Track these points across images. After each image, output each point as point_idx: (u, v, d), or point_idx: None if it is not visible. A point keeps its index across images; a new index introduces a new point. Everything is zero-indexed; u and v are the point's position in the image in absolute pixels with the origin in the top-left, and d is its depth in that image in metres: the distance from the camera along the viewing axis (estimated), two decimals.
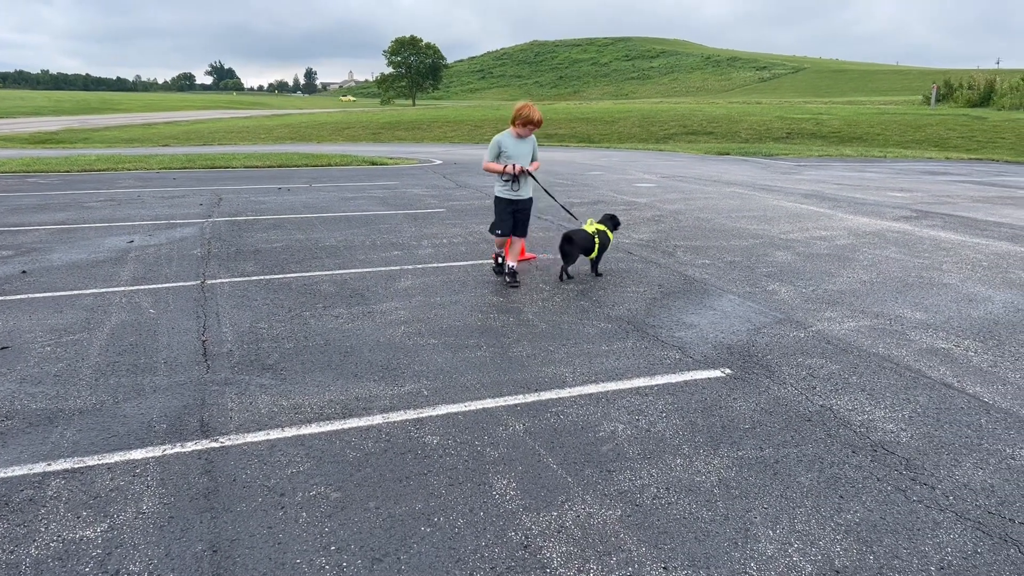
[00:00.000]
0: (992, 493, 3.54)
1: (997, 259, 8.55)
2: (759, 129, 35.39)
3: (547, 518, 3.30)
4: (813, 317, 6.25)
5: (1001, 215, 11.90)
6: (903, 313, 6.36)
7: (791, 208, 12.38)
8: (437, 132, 39.82)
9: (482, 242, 9.28)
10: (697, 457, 3.87)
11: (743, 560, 3.03)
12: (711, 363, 5.21)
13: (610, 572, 2.93)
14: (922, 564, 3.00)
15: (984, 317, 6.29)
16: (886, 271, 7.85)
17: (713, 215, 11.58)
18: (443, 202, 12.86)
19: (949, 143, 30.51)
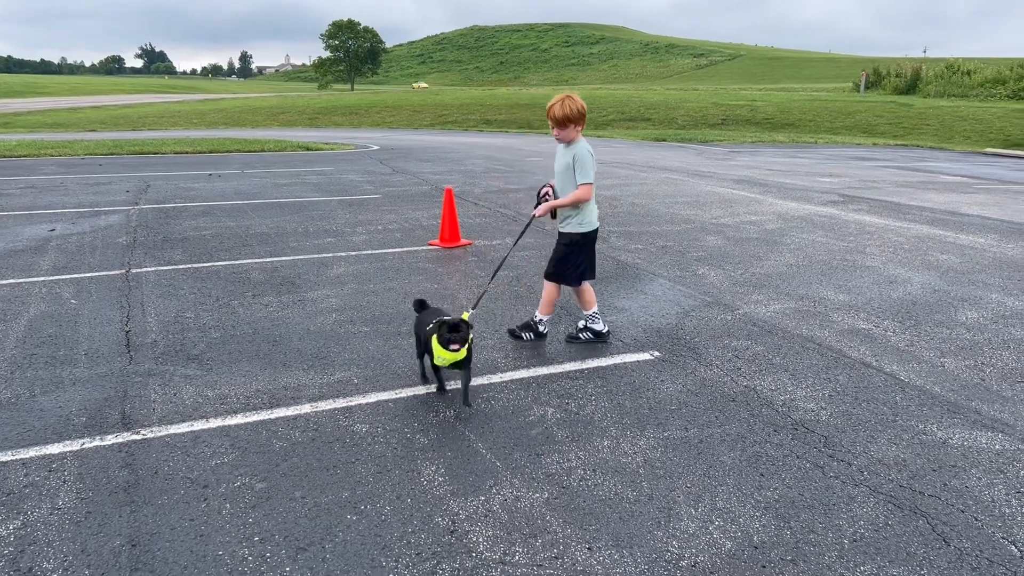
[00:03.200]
0: (904, 467, 3.68)
1: (917, 242, 8.86)
2: (695, 115, 35.91)
3: (474, 503, 3.32)
4: (740, 300, 6.39)
5: (923, 199, 12.33)
6: (827, 295, 6.55)
7: (723, 193, 12.61)
8: (376, 117, 39.35)
9: (417, 228, 9.23)
10: (624, 439, 3.93)
11: (665, 539, 3.09)
12: (640, 346, 5.28)
13: (536, 554, 2.96)
14: (836, 538, 3.10)
15: (903, 298, 6.52)
16: (812, 254, 8.07)
17: (648, 201, 11.73)
18: (379, 188, 12.73)
19: (877, 129, 31.42)
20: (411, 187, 12.95)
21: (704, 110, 37.15)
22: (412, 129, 33.97)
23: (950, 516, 3.27)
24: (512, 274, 7.10)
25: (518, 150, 20.72)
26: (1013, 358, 5.15)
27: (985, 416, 4.27)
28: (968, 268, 7.61)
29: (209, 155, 18.92)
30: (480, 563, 2.90)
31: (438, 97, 48.71)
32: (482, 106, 41.49)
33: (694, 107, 38.12)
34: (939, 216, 10.68)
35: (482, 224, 9.54)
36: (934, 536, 3.13)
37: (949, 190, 13.77)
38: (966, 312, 6.16)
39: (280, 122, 37.86)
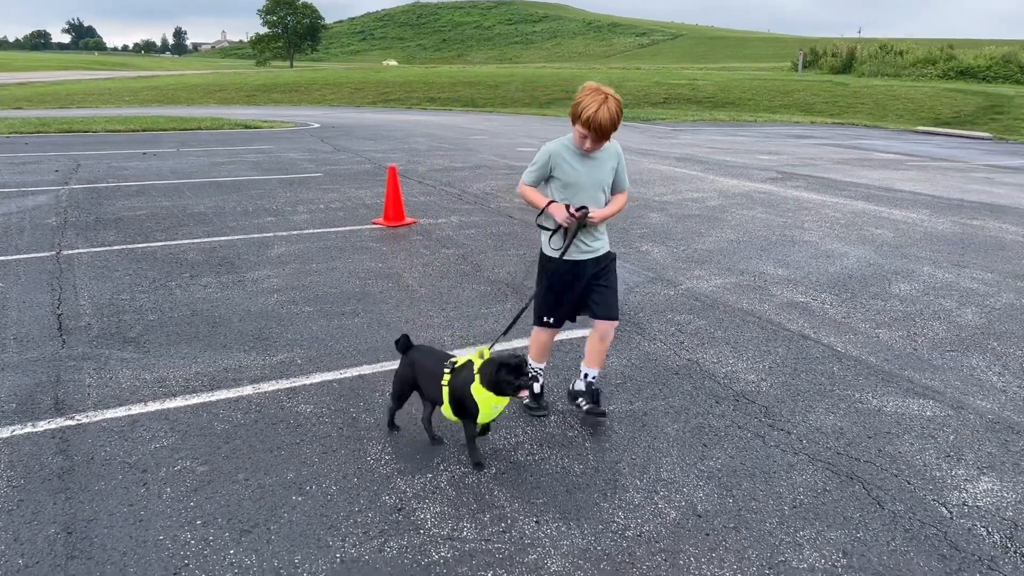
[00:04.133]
0: (841, 435, 3.79)
1: (853, 217, 9.08)
2: (638, 94, 36.12)
3: (422, 480, 3.31)
4: (683, 276, 6.48)
5: (858, 176, 12.63)
6: (766, 270, 6.68)
7: (666, 171, 12.73)
8: (316, 95, 38.62)
9: (360, 207, 9.10)
10: (570, 413, 3.96)
11: (611, 510, 3.13)
12: (586, 323, 5.29)
13: (483, 529, 2.97)
14: (777, 505, 3.18)
15: (839, 272, 6.68)
16: (752, 230, 8.21)
17: None
18: (320, 167, 12.52)
19: (814, 108, 32.07)
20: (353, 165, 12.76)
21: (647, 89, 37.40)
22: (354, 107, 33.44)
23: (884, 481, 3.38)
24: (458, 252, 7.07)
25: (462, 128, 20.59)
26: (943, 328, 5.33)
27: (917, 384, 4.41)
28: (901, 242, 7.84)
29: (143, 134, 18.34)
30: (428, 539, 2.90)
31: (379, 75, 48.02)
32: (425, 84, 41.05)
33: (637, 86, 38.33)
34: (874, 192, 10.96)
35: (427, 203, 9.46)
36: (869, 500, 3.23)
37: (883, 167, 14.14)
38: (899, 284, 6.34)
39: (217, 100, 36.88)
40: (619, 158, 3.74)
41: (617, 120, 3.40)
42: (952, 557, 2.87)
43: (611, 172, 3.68)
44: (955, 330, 5.29)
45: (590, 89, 3.43)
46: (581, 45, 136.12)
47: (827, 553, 2.87)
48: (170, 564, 2.71)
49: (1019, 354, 4.88)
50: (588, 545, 2.90)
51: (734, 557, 2.84)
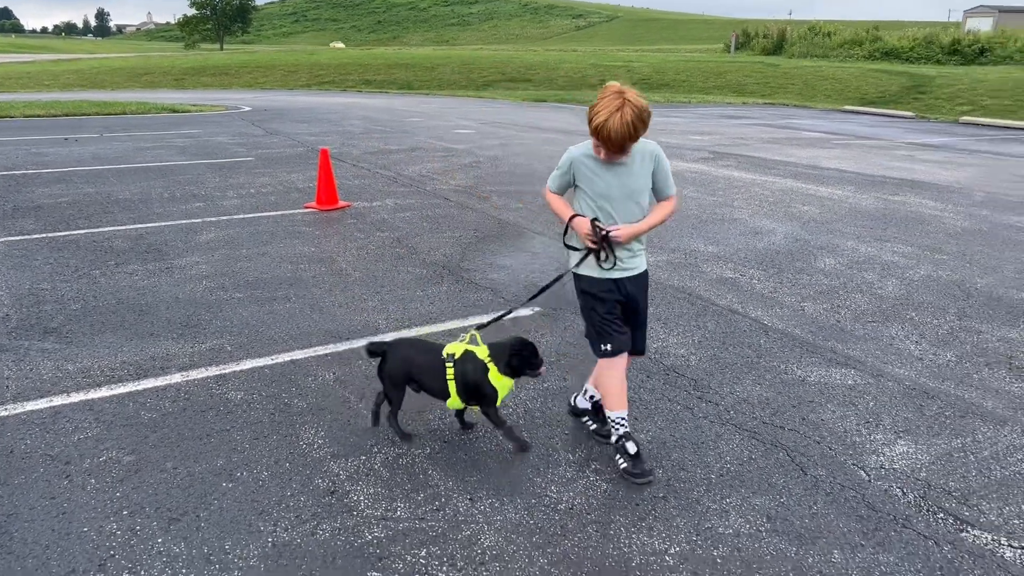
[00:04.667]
0: (767, 405, 3.90)
1: (781, 195, 9.31)
2: (575, 76, 36.21)
3: (355, 463, 3.30)
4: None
5: (787, 155, 12.93)
6: (697, 247, 6.80)
7: None
8: (247, 78, 37.69)
9: (293, 191, 8.95)
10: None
11: (544, 484, 3.17)
12: (521, 302, 5.33)
13: (417, 508, 2.98)
14: (704, 474, 3.27)
15: (768, 248, 6.85)
16: (684, 209, 8.34)
17: (530, 160, 11.79)
18: (251, 150, 12.26)
19: (746, 89, 32.62)
20: (286, 149, 12.52)
21: (583, 71, 37.51)
22: (287, 90, 32.78)
23: (807, 447, 3.50)
24: (393, 235, 7.02)
25: (398, 111, 20.37)
26: (865, 300, 5.52)
27: (840, 354, 4.56)
28: (827, 218, 8.07)
29: (64, 119, 17.67)
30: (361, 520, 2.90)
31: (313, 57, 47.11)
32: (360, 66, 40.41)
33: (573, 68, 38.42)
34: (801, 170, 11.24)
35: (361, 186, 9.35)
36: (793, 466, 3.34)
37: (811, 145, 14.50)
38: (824, 259, 6.54)
39: (143, 84, 35.72)
40: (657, 160, 3.16)
41: (634, 130, 2.90)
42: (869, 517, 2.99)
43: (646, 179, 3.15)
44: (876, 302, 5.49)
45: (609, 92, 2.94)
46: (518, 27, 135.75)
47: (752, 518, 2.96)
48: (95, 555, 2.65)
49: (935, 323, 5.09)
50: (521, 520, 2.93)
51: (663, 525, 2.91)
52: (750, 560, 2.73)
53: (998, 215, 8.41)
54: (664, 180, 3.20)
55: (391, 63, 41.53)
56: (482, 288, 5.60)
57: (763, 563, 2.71)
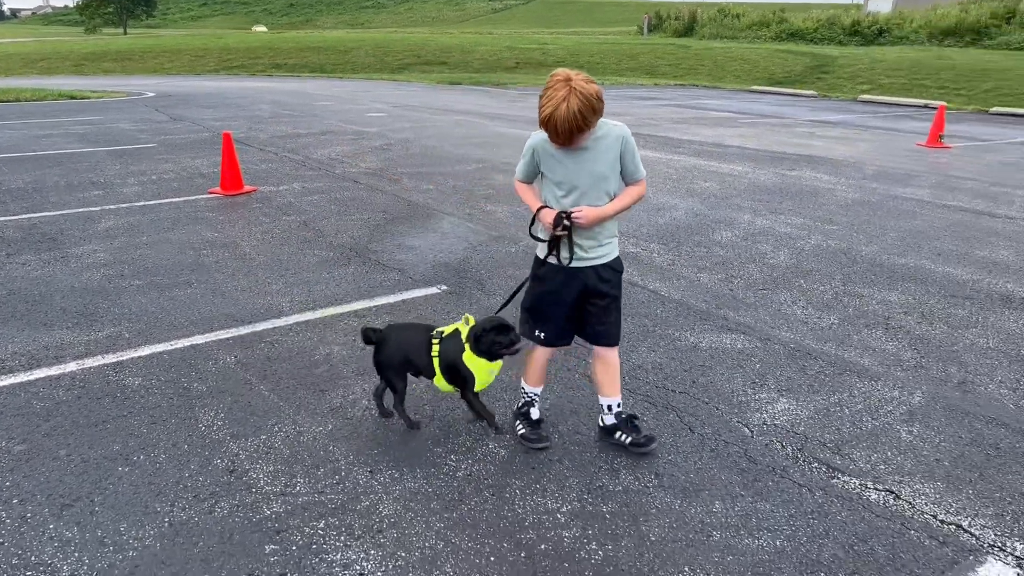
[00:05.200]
0: (660, 370, 4.07)
1: (685, 172, 9.59)
2: (490, 59, 36.19)
3: (255, 442, 3.31)
4: (523, 233, 6.66)
5: (694, 134, 13.28)
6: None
7: (513, 134, 12.92)
8: (152, 63, 36.32)
9: (197, 177, 8.76)
10: None
11: (444, 454, 3.26)
12: (429, 281, 5.40)
13: (317, 483, 3.03)
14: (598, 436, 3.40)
15: (668, 223, 7.07)
16: None
17: (441, 143, 11.80)
18: (154, 137, 11.89)
19: (659, 70, 33.20)
20: (190, 135, 12.19)
21: (499, 54, 37.52)
22: (194, 75, 31.76)
23: (696, 408, 3.68)
24: (300, 218, 6.96)
25: (309, 95, 20.01)
26: (757, 270, 5.77)
27: (731, 321, 4.78)
28: (726, 193, 8.37)
29: None
30: (260, 497, 2.93)
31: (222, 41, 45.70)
32: (271, 50, 39.41)
33: (489, 51, 38.38)
34: (705, 148, 11.58)
35: (268, 170, 9.21)
36: (682, 426, 3.51)
37: (717, 124, 14.92)
38: (721, 232, 6.79)
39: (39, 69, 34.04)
40: (624, 143, 3.04)
41: (583, 120, 2.78)
42: (750, 470, 3.18)
43: (612, 164, 3.03)
44: (768, 271, 5.75)
45: (555, 81, 2.82)
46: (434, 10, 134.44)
47: (640, 476, 3.12)
48: None
49: (821, 289, 5.37)
50: (420, 488, 3.02)
51: (556, 486, 3.04)
52: (637, 514, 2.87)
53: (886, 187, 8.87)
54: (633, 163, 3.07)
55: (303, 47, 40.68)
56: (390, 269, 5.64)
57: (648, 516, 2.86)
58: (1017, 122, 17.49)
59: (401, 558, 2.62)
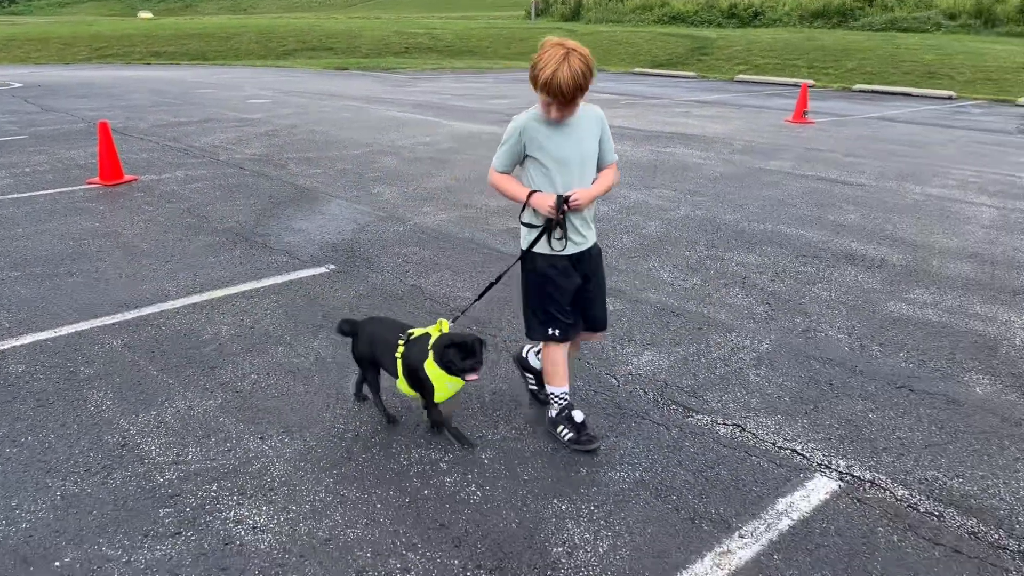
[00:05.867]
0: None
1: None
2: (378, 44, 35.86)
3: (146, 418, 3.41)
4: (412, 213, 6.85)
5: None
6: (487, 203, 7.23)
7: (401, 118, 13.02)
8: (16, 52, 34.26)
9: (73, 168, 8.51)
10: (298, 343, 4.20)
11: (333, 419, 3.44)
12: (317, 262, 5.53)
13: (209, 451, 3.16)
14: (479, 394, 3.66)
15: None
16: (477, 169, 8.76)
17: (328, 128, 11.78)
18: (24, 128, 11.39)
19: None
20: (64, 125, 11.74)
21: (387, 39, 37.19)
22: (63, 64, 30.17)
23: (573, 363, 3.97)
24: (183, 206, 6.91)
25: (190, 83, 19.41)
26: (631, 239, 6.15)
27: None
28: None
29: None
30: (153, 467, 3.05)
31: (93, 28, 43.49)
32: (148, 37, 37.79)
33: (377, 36, 37.99)
34: None
35: (149, 159, 9.03)
36: None
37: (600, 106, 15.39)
38: (598, 207, 7.13)
39: None
40: (602, 124, 3.11)
41: (583, 79, 2.79)
42: (615, 414, 3.51)
43: (596, 143, 3.07)
44: (640, 240, 6.14)
45: (549, 45, 2.84)
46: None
47: (517, 425, 3.39)
48: None
49: (687, 255, 5.79)
50: (309, 450, 3.20)
51: (441, 444, 3.27)
52: (512, 458, 3.15)
53: (751, 161, 9.48)
54: (609, 146, 3.14)
55: (182, 33, 39.19)
56: (277, 251, 5.72)
57: (523, 459, 3.14)
58: (876, 98, 18.76)
59: (292, 511, 2.80)
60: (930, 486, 3.01)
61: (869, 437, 3.36)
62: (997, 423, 3.49)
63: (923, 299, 4.98)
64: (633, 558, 2.60)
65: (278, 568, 2.52)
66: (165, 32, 39.52)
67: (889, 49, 26.11)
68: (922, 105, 17.38)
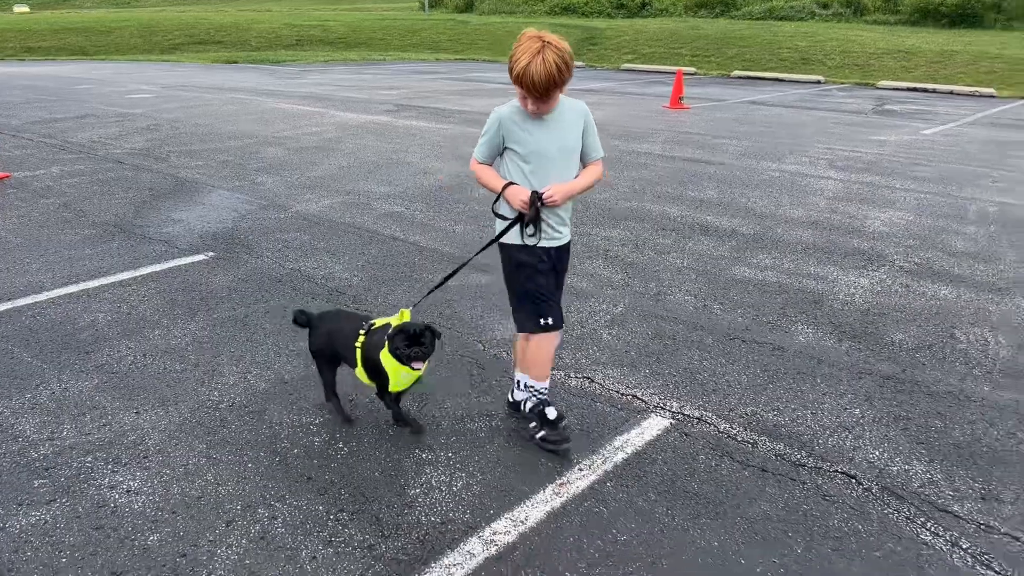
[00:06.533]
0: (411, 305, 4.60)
1: (452, 139, 10.22)
2: (269, 37, 35.18)
3: (19, 401, 3.49)
4: (294, 200, 6.98)
5: (465, 104, 13.97)
6: (371, 188, 7.42)
7: (288, 109, 12.99)
8: None
9: None
10: (175, 326, 4.32)
11: (207, 392, 3.61)
12: (196, 250, 5.61)
13: (84, 427, 3.29)
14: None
15: (433, 185, 7.65)
16: (362, 157, 8.92)
17: (212, 121, 11.67)
18: None
19: (440, 45, 33.82)
20: None
21: (277, 31, 36.51)
22: None
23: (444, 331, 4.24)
24: (59, 201, 6.83)
25: (68, 78, 18.69)
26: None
27: (478, 262, 5.38)
28: None
29: None
30: (27, 444, 3.16)
31: None
32: (20, 32, 35.91)
33: (267, 28, 37.23)
34: (475, 117, 12.29)
35: (23, 156, 8.80)
36: None
37: (489, 95, 15.74)
38: (479, 190, 7.34)
39: None
40: (586, 119, 3.08)
41: (558, 74, 2.76)
42: (479, 374, 3.81)
43: (578, 137, 3.04)
44: None
45: (526, 38, 2.82)
46: None
47: None
48: None
49: None
50: (184, 420, 3.36)
51: (312, 408, 3.49)
52: (379, 417, 3.40)
53: (625, 144, 9.97)
54: (593, 142, 3.10)
55: (59, 27, 37.40)
56: (155, 241, 5.77)
57: (388, 417, 3.40)
58: (751, 84, 19.76)
59: (166, 475, 2.98)
60: (748, 420, 3.43)
61: (701, 382, 3.77)
62: (814, 365, 3.97)
63: (765, 263, 5.48)
64: (483, 493, 2.90)
65: (151, 523, 2.70)
66: (40, 27, 37.62)
67: (767, 37, 27.42)
68: (792, 89, 18.43)
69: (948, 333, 4.38)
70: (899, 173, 8.58)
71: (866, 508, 2.84)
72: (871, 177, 8.30)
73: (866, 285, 5.09)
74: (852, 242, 6.00)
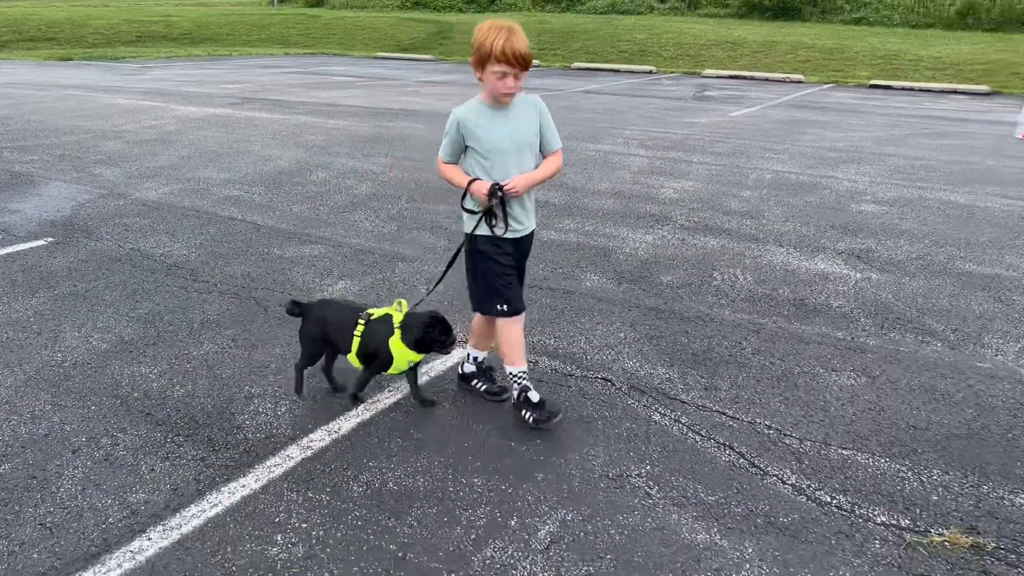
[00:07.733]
0: (248, 276, 5.05)
1: (294, 128, 10.56)
2: (107, 33, 33.67)
3: None
4: (133, 189, 7.20)
5: (309, 96, 14.22)
6: (211, 176, 7.72)
7: (128, 104, 12.86)
8: None
9: None
10: (16, 303, 4.58)
11: (51, 354, 3.95)
12: (34, 236, 5.80)
13: None
14: (188, 324, 4.31)
15: (273, 170, 8.03)
16: (203, 147, 9.14)
17: (46, 117, 11.44)
18: None
19: (290, 40, 33.45)
20: None
21: (116, 27, 34.98)
22: None
23: (273, 296, 4.73)
24: None
25: None
26: (343, 198, 6.97)
27: (312, 236, 5.90)
28: (328, 144, 9.51)
29: None
30: None
31: None
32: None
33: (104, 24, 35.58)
34: (318, 108, 12.63)
35: None
36: (259, 308, 4.54)
37: (335, 87, 16.03)
38: (318, 174, 7.91)
39: None
40: (542, 113, 3.22)
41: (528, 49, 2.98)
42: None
43: (535, 131, 3.19)
44: (350, 199, 6.97)
45: (488, 26, 3.00)
46: None
47: (220, 342, 4.10)
48: None
49: (389, 208, 6.71)
50: (29, 378, 3.70)
51: (151, 360, 3.90)
52: (216, 361, 3.86)
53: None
54: (551, 133, 3.24)
55: None
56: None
57: (222, 361, 3.86)
58: (590, 75, 20.92)
59: (13, 421, 3.33)
60: (534, 346, 4.12)
61: None
62: (594, 303, 4.72)
63: (569, 227, 6.26)
64: (304, 415, 3.44)
65: (1, 457, 3.08)
66: None
67: (609, 30, 28.86)
68: (626, 79, 19.69)
69: (708, 274, 5.26)
70: (700, 149, 9.67)
71: (614, 400, 3.59)
72: (675, 153, 9.33)
73: (649, 241, 5.95)
74: (646, 207, 6.89)
